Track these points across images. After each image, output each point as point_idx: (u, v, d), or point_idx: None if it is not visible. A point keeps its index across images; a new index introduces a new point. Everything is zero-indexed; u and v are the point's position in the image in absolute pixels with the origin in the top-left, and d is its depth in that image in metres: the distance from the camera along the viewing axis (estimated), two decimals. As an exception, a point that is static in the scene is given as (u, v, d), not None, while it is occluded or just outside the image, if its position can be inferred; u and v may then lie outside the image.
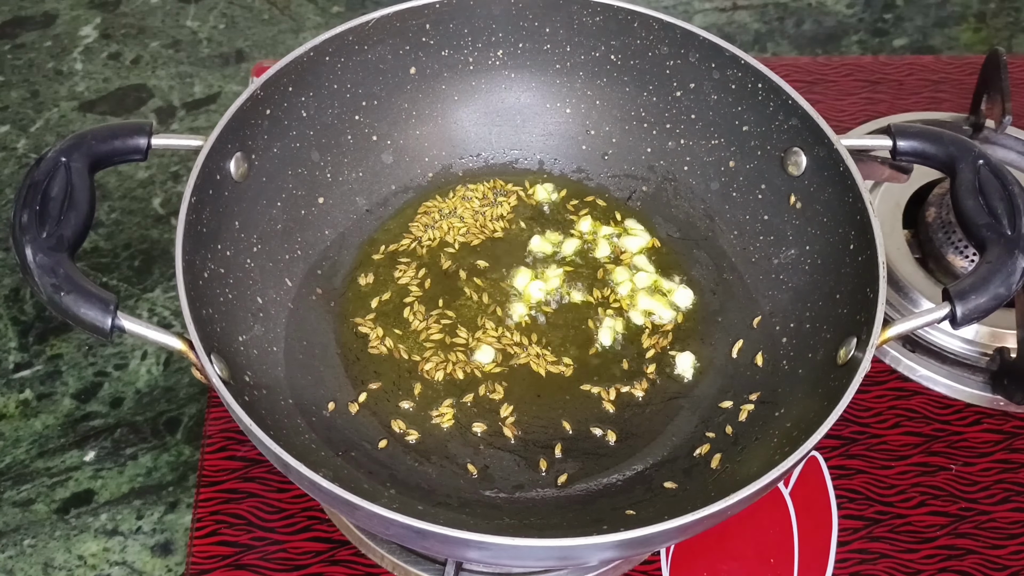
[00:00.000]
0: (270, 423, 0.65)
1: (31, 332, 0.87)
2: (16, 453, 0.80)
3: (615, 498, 0.69)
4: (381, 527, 0.61)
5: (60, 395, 0.83)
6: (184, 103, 1.04)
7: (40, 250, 0.60)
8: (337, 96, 0.78)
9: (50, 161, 0.63)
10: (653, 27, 0.78)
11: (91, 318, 0.59)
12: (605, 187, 0.84)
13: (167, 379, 0.84)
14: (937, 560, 0.75)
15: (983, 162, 0.67)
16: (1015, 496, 0.78)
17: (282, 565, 0.73)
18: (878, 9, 1.17)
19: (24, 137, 1.00)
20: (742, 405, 0.72)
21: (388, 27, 0.77)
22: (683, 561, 0.74)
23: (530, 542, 0.56)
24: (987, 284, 0.63)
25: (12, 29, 1.10)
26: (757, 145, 0.77)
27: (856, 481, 0.78)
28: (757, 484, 0.58)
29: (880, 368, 0.84)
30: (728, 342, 0.76)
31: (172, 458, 0.80)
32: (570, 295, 0.78)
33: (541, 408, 0.73)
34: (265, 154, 0.74)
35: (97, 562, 0.75)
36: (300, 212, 0.77)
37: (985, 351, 0.84)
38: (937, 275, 0.87)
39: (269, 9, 1.14)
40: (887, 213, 0.89)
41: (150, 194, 0.96)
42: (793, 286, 0.75)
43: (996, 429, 0.82)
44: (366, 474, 0.68)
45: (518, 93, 0.84)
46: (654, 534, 0.57)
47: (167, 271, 0.90)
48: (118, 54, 1.08)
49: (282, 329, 0.73)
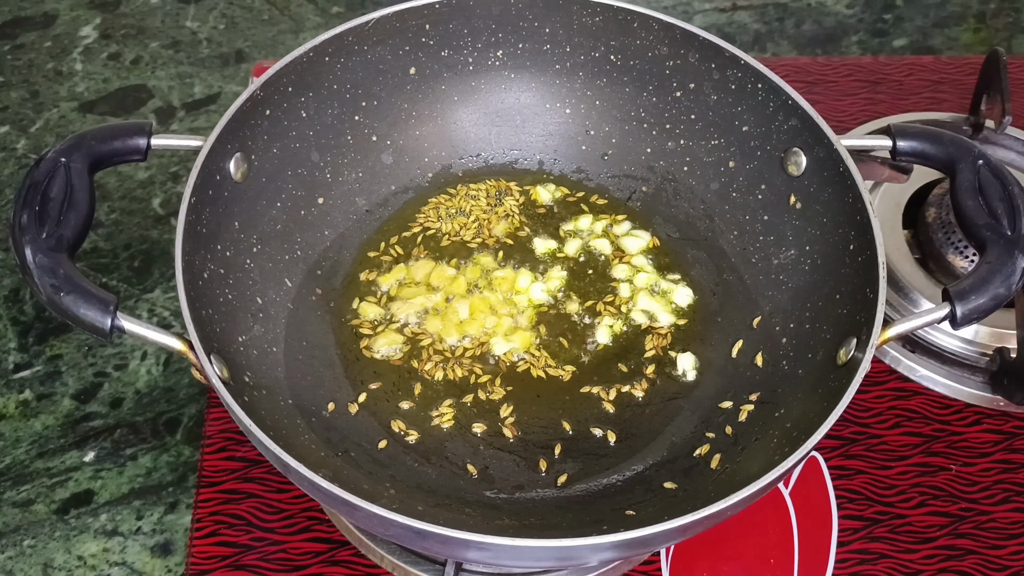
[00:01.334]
0: (270, 424, 0.65)
1: (31, 332, 0.87)
2: (16, 453, 0.80)
3: (615, 498, 0.69)
4: (381, 527, 0.60)
5: (60, 395, 0.83)
6: (184, 103, 1.04)
7: (40, 250, 0.60)
8: (337, 96, 0.78)
9: (50, 161, 0.63)
10: (653, 27, 0.78)
11: (91, 318, 0.59)
12: (605, 187, 0.84)
13: (167, 379, 0.84)
14: (937, 560, 0.75)
15: (983, 162, 0.67)
16: (1015, 496, 0.78)
17: (282, 565, 0.73)
18: (878, 9, 1.17)
19: (24, 137, 1.00)
20: (742, 405, 0.72)
21: (388, 27, 0.77)
22: (683, 561, 0.74)
23: (530, 542, 0.56)
24: (987, 284, 0.63)
25: (12, 29, 1.10)
26: (757, 145, 0.77)
27: (856, 481, 0.78)
28: (757, 484, 0.58)
29: (880, 368, 0.84)
30: (728, 342, 0.76)
31: (172, 458, 0.80)
32: (570, 295, 0.78)
33: (541, 408, 0.73)
34: (265, 154, 0.74)
35: (97, 562, 0.75)
36: (300, 212, 0.77)
37: (985, 351, 0.84)
38: (937, 275, 0.87)
39: (269, 9, 1.14)
40: (887, 213, 0.89)
41: (150, 194, 0.96)
42: (793, 286, 0.74)
43: (996, 429, 0.82)
44: (366, 474, 0.68)
45: (518, 93, 0.84)
46: (654, 534, 0.57)
47: (167, 271, 0.90)
48: (118, 54, 1.08)
49: (282, 329, 0.73)
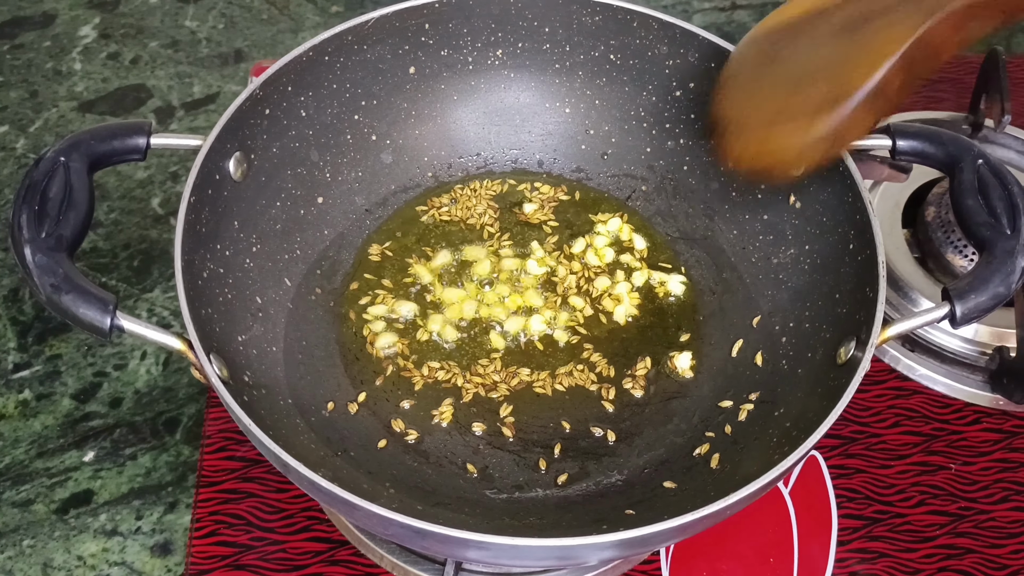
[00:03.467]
0: (269, 423, 0.65)
1: (30, 332, 0.87)
2: (15, 453, 0.80)
3: (615, 498, 0.69)
4: (380, 527, 0.61)
5: (59, 395, 0.83)
6: (183, 103, 1.04)
7: (39, 250, 0.60)
8: (336, 96, 0.78)
9: (49, 161, 0.63)
10: (652, 26, 0.78)
11: (90, 318, 0.59)
12: (605, 187, 0.84)
13: (166, 379, 0.84)
14: (936, 559, 0.75)
15: (982, 161, 0.67)
16: (1014, 495, 0.78)
17: (281, 565, 0.73)
18: (877, 8, 1.17)
19: (23, 137, 1.00)
20: (741, 405, 0.72)
21: (387, 27, 0.77)
22: (683, 561, 0.74)
23: (530, 542, 0.56)
24: (986, 283, 0.63)
25: (11, 29, 1.10)
26: (756, 144, 0.77)
27: (856, 480, 0.78)
28: (756, 484, 0.58)
29: (879, 367, 0.84)
30: (728, 342, 0.76)
31: (171, 458, 0.80)
32: (570, 296, 0.78)
33: (540, 408, 0.73)
34: (264, 154, 0.74)
35: (96, 562, 0.75)
36: (299, 212, 0.77)
37: (984, 350, 0.84)
38: (936, 274, 0.87)
39: (268, 9, 1.14)
40: (886, 212, 0.89)
41: (149, 194, 0.96)
42: (793, 285, 0.74)
43: (995, 428, 0.82)
44: (365, 474, 0.68)
45: (517, 93, 0.84)
46: (653, 534, 0.57)
47: (166, 271, 0.90)
48: (117, 54, 1.08)
49: (281, 329, 0.73)
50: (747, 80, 0.64)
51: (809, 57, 0.60)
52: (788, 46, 0.62)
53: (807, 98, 0.59)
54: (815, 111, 0.59)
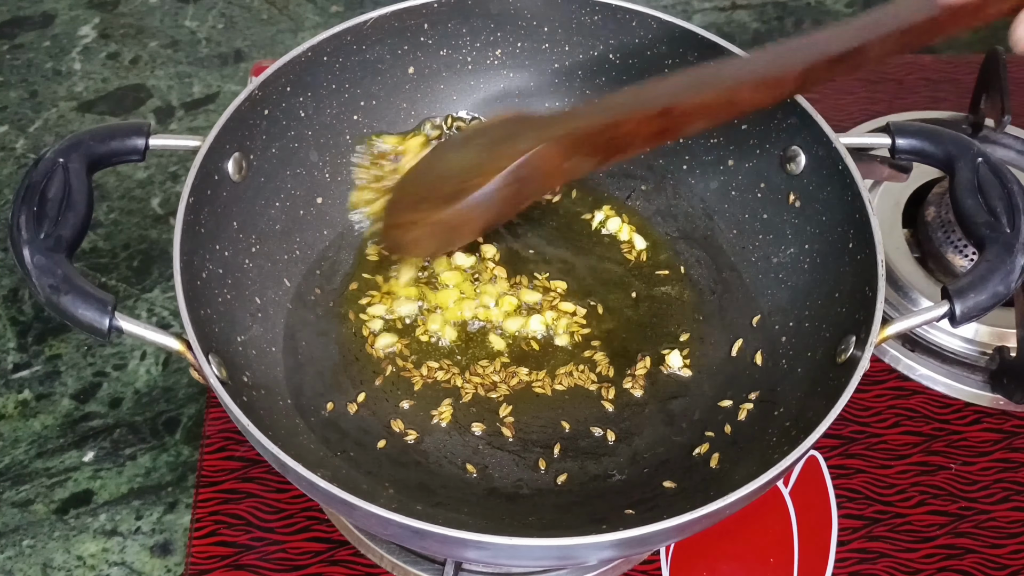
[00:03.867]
0: (268, 423, 0.65)
1: (30, 332, 0.87)
2: (15, 453, 0.80)
3: (614, 498, 0.69)
4: (380, 527, 0.61)
5: (59, 395, 0.83)
6: (183, 103, 1.04)
7: (38, 251, 0.60)
8: (335, 96, 0.78)
9: (48, 162, 0.63)
10: (652, 26, 0.78)
11: (89, 319, 0.59)
12: (604, 186, 0.84)
13: (166, 379, 0.84)
14: (937, 559, 0.75)
15: (982, 160, 0.67)
16: (1015, 495, 0.78)
17: (281, 565, 0.73)
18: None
19: (22, 137, 1.00)
20: (741, 404, 0.72)
21: (386, 27, 0.77)
22: (683, 560, 0.74)
23: (529, 542, 0.56)
24: (986, 282, 0.63)
25: (11, 29, 1.10)
26: (756, 144, 0.77)
27: (856, 480, 0.78)
28: (756, 483, 0.58)
29: (879, 367, 0.84)
30: (727, 341, 0.76)
31: (171, 458, 0.80)
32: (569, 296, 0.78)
33: (540, 408, 0.73)
34: (263, 154, 0.74)
35: (96, 562, 0.75)
36: (299, 212, 0.77)
37: (984, 350, 0.84)
38: (936, 274, 0.87)
39: (268, 9, 1.14)
40: (886, 212, 0.89)
41: (149, 194, 0.96)
42: (792, 285, 0.74)
43: (996, 428, 0.82)
44: (365, 474, 0.68)
45: (517, 93, 0.83)
46: (653, 533, 0.56)
47: (166, 271, 0.90)
48: (117, 54, 1.08)
49: (280, 329, 0.73)
50: (415, 173, 0.76)
51: (459, 161, 0.72)
52: (451, 151, 0.75)
53: (441, 190, 0.71)
54: (442, 201, 0.70)
